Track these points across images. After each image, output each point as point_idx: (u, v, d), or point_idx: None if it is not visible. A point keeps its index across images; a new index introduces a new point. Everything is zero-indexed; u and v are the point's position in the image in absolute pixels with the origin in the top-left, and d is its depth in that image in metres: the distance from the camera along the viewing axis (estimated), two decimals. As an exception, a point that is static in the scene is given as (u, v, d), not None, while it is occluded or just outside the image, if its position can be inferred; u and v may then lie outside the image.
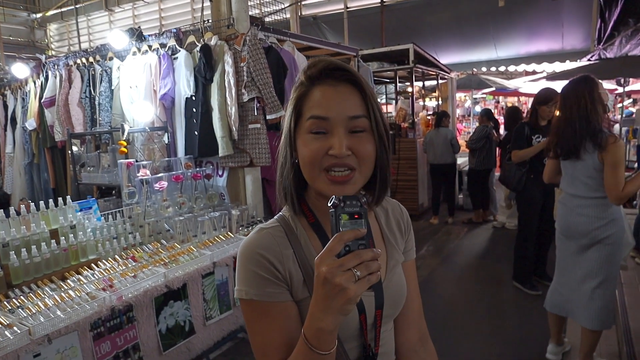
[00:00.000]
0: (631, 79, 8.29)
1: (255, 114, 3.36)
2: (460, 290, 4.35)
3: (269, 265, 0.84)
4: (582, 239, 2.58)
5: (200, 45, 3.44)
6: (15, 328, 1.86)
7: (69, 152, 3.76)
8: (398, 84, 7.86)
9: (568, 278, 2.70)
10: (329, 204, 0.70)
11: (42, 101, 4.59)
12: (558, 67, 9.39)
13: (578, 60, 8.11)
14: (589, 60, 7.36)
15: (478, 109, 11.84)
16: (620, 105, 7.92)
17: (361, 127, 0.82)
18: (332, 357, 0.74)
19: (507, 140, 5.54)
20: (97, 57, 4.22)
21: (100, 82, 4.09)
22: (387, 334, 0.97)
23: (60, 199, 2.64)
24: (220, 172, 3.68)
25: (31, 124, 4.85)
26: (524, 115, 6.75)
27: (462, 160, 7.82)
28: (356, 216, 0.69)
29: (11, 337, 1.80)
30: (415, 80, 7.40)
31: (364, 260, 0.66)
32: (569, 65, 8.79)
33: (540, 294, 3.97)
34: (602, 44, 7.07)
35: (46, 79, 4.64)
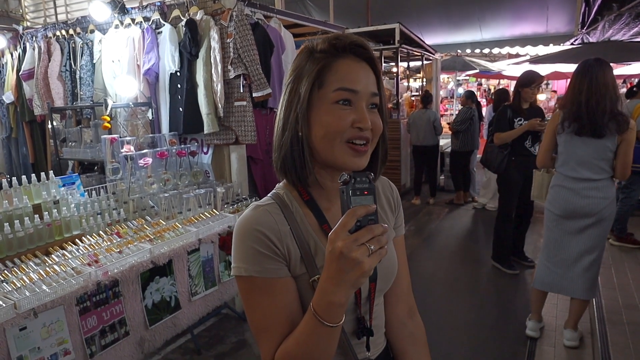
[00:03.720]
0: (612, 64, 8.40)
1: (242, 91, 3.33)
2: (441, 269, 4.46)
3: (268, 242, 0.84)
4: (587, 219, 2.69)
5: (185, 19, 3.38)
6: (0, 302, 1.85)
7: (50, 126, 3.68)
8: (383, 64, 7.84)
9: (563, 257, 2.81)
10: (340, 181, 0.72)
11: (20, 74, 4.46)
12: (542, 50, 9.47)
13: (561, 44, 8.20)
14: (572, 44, 7.45)
15: (461, 90, 11.91)
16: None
17: (376, 103, 0.87)
18: (339, 330, 0.78)
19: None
20: (78, 30, 4.10)
21: (82, 56, 3.99)
22: (378, 307, 1.01)
23: (42, 174, 2.60)
24: (205, 150, 3.66)
25: (8, 96, 4.73)
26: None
27: (444, 142, 7.90)
28: (366, 192, 0.71)
29: (-3, 311, 1.80)
30: (400, 61, 7.39)
31: (376, 234, 0.69)
32: (552, 48, 8.88)
33: (518, 273, 4.11)
34: (585, 28, 7.15)
35: (24, 51, 4.51)
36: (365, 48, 0.87)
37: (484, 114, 7.46)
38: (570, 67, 7.52)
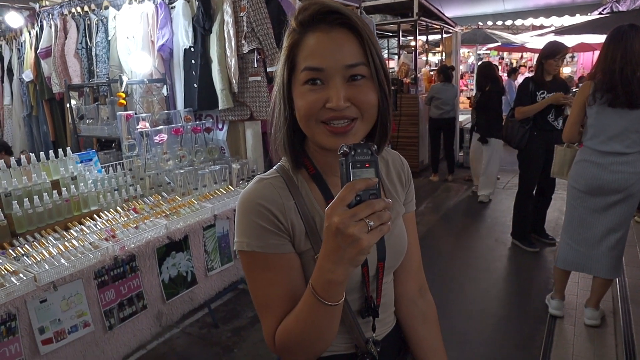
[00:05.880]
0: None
1: (256, 66, 3.29)
2: (459, 246, 4.42)
3: (271, 216, 0.82)
4: (614, 195, 2.59)
5: (198, -7, 3.33)
6: (21, 275, 1.90)
7: (68, 104, 3.71)
8: (401, 38, 7.66)
9: (587, 235, 2.72)
10: (339, 152, 0.67)
11: (38, 52, 4.49)
12: (567, 21, 9.12)
13: (589, 14, 7.87)
14: (600, 13, 7.13)
15: (482, 65, 11.58)
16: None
17: (360, 74, 0.77)
18: (339, 309, 0.75)
19: (482, 102, 5.39)
20: (92, 6, 4.09)
21: (97, 33, 3.99)
22: (387, 285, 0.98)
23: (60, 150, 2.63)
24: (220, 126, 3.65)
25: (28, 75, 4.77)
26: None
27: (463, 118, 7.73)
28: (367, 165, 0.66)
29: (17, 283, 1.85)
30: (419, 34, 7.21)
31: (376, 210, 0.64)
32: (579, 19, 8.53)
33: (538, 250, 4.04)
34: (615, -5, 6.82)
35: (41, 29, 4.52)
36: (337, 13, 0.77)
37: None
38: (598, 38, 7.24)
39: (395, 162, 1.03)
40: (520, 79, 8.84)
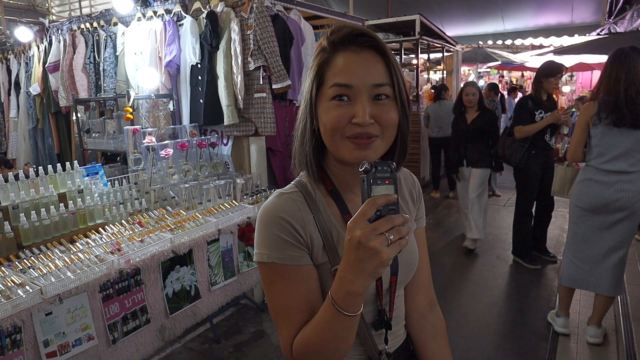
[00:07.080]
0: None
1: (261, 82, 3.34)
2: (460, 263, 4.42)
3: (291, 229, 0.85)
4: (618, 213, 2.61)
5: (206, 11, 3.39)
6: (27, 287, 1.91)
7: (75, 117, 3.76)
8: (403, 56, 7.76)
9: (591, 253, 2.74)
10: (360, 169, 0.71)
11: (46, 66, 4.55)
12: (566, 41, 9.26)
13: (587, 35, 7.99)
14: (598, 34, 7.24)
15: (482, 83, 11.72)
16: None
17: (384, 94, 0.82)
18: (357, 319, 0.78)
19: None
20: (102, 22, 4.16)
21: (105, 48, 4.05)
22: (399, 299, 1.00)
23: (67, 163, 2.66)
24: (225, 141, 3.69)
25: (35, 88, 4.83)
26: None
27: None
28: (387, 182, 0.70)
29: (24, 296, 1.85)
30: (421, 53, 7.31)
31: (396, 224, 0.68)
32: (577, 39, 8.66)
33: (539, 268, 4.05)
34: (612, 17, 6.93)
35: (50, 43, 4.59)
36: (367, 36, 0.83)
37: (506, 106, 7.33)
38: (596, 58, 7.33)
39: (406, 179, 1.07)
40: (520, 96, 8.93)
